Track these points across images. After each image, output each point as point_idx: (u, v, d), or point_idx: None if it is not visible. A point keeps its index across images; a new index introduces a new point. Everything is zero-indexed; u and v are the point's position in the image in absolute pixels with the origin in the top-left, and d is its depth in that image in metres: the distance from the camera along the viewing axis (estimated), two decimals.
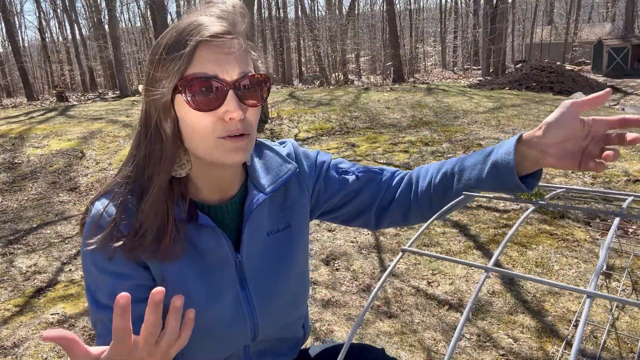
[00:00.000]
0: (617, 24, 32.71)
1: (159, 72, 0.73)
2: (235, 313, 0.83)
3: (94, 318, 0.79)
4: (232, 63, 0.72)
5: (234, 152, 0.74)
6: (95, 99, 16.08)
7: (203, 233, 0.80)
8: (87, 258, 0.77)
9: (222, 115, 0.72)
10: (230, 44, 0.73)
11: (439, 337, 2.23)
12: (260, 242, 0.86)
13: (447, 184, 0.86)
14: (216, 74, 0.71)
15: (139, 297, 0.77)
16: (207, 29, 0.71)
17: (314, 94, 10.77)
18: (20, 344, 2.35)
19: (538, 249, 3.05)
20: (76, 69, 31.88)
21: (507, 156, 0.74)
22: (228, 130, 0.73)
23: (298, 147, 0.97)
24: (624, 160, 4.88)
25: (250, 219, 0.84)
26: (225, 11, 0.75)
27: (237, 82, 0.73)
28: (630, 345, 2.10)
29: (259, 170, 0.88)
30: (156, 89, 0.74)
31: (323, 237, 3.43)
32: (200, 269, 0.81)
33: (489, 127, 6.90)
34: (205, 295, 0.81)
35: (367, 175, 0.95)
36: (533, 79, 11.98)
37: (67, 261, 3.34)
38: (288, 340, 0.97)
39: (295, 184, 0.92)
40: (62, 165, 5.91)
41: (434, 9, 47.12)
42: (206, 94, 0.71)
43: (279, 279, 0.88)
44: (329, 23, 24.99)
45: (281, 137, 6.98)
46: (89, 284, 0.79)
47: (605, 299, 0.36)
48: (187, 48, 0.70)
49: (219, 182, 0.83)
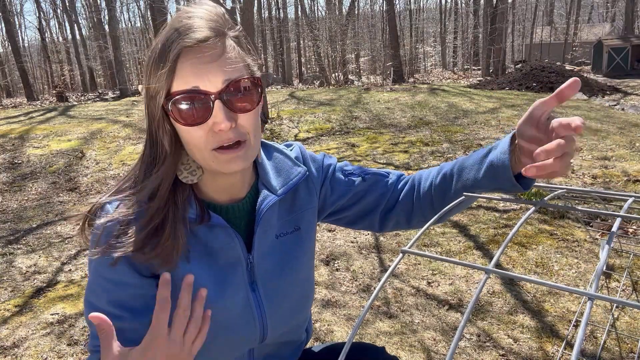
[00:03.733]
0: (617, 24, 32.72)
1: (152, 88, 0.73)
2: (244, 315, 0.83)
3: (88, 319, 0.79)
4: (215, 72, 0.70)
5: (231, 162, 0.74)
6: (95, 99, 16.08)
7: (215, 233, 0.80)
8: (92, 262, 0.77)
9: (211, 127, 0.72)
10: (211, 51, 0.70)
11: (439, 337, 2.23)
12: (269, 243, 0.86)
13: (446, 185, 0.86)
14: (198, 86, 0.70)
15: (134, 307, 0.77)
16: (184, 39, 0.69)
17: (314, 94, 10.77)
18: (20, 344, 2.35)
19: (538, 249, 3.05)
20: (76, 69, 31.87)
21: (502, 155, 0.74)
22: (220, 141, 0.72)
23: (305, 150, 0.97)
24: (624, 160, 4.89)
25: (262, 219, 0.83)
26: (201, 17, 0.72)
27: (223, 91, 0.71)
28: (630, 345, 2.10)
29: (270, 172, 0.88)
30: (152, 104, 0.74)
31: (323, 237, 3.43)
32: (211, 270, 0.81)
33: (489, 127, 6.90)
34: (216, 295, 0.80)
35: (374, 178, 0.95)
36: (533, 79, 11.97)
37: (67, 261, 3.34)
38: (292, 343, 0.97)
39: (304, 187, 0.92)
40: (62, 165, 5.91)
41: (434, 9, 47.11)
42: (191, 108, 0.70)
43: (288, 281, 0.87)
44: (329, 23, 24.99)
45: (281, 137, 6.98)
46: (88, 290, 0.79)
47: (606, 300, 0.36)
48: (168, 63, 0.69)
49: (229, 186, 0.83)
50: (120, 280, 0.76)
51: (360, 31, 35.16)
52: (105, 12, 19.18)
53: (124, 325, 0.78)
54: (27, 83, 19.98)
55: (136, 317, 0.78)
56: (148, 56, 0.74)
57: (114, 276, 0.76)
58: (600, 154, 5.23)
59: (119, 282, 0.76)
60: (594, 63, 19.59)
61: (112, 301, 0.77)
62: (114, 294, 0.77)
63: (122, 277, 0.76)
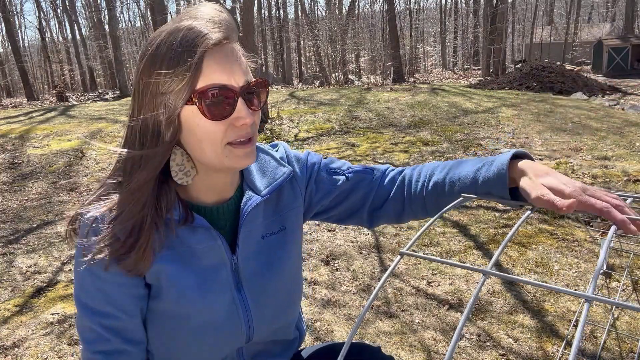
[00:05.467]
0: (617, 24, 32.71)
1: (160, 88, 0.72)
2: (230, 315, 0.83)
3: (83, 324, 0.79)
4: (237, 70, 0.73)
5: (244, 157, 0.76)
6: (95, 99, 16.08)
7: (198, 234, 0.80)
8: (80, 265, 0.76)
9: (232, 121, 0.74)
10: (231, 50, 0.74)
11: (439, 337, 2.23)
12: (254, 244, 0.87)
13: (439, 192, 0.86)
14: (225, 82, 0.72)
15: (128, 307, 0.78)
16: (208, 37, 0.70)
17: (314, 94, 10.77)
18: (20, 344, 2.35)
19: (538, 249, 3.05)
20: (76, 69, 31.87)
21: (500, 169, 0.74)
22: (239, 135, 0.75)
23: (289, 149, 0.97)
24: (623, 160, 4.89)
25: (245, 220, 0.84)
26: (216, 17, 0.74)
27: (244, 88, 0.74)
28: (630, 345, 2.10)
29: (254, 173, 0.89)
30: (157, 104, 0.73)
31: (323, 237, 3.43)
32: (196, 271, 0.81)
33: (489, 127, 6.90)
34: (201, 296, 0.80)
35: (358, 176, 0.95)
36: (533, 79, 11.98)
37: (67, 261, 3.34)
38: (282, 342, 0.97)
39: (289, 187, 0.92)
40: (62, 165, 5.91)
41: (434, 9, 47.11)
42: (219, 103, 0.72)
43: (274, 281, 0.88)
44: (329, 23, 24.99)
45: (281, 137, 6.98)
46: (80, 291, 0.79)
47: (604, 303, 0.36)
48: (194, 60, 0.69)
49: (217, 186, 0.84)
50: (114, 280, 0.77)
51: (360, 31, 35.14)
52: (105, 12, 19.18)
53: (121, 324, 0.79)
54: (27, 83, 19.99)
55: (130, 316, 0.79)
56: (150, 54, 0.73)
57: (108, 276, 0.76)
58: (600, 153, 5.23)
59: (112, 282, 0.77)
60: (594, 63, 19.59)
61: (109, 301, 0.77)
62: (110, 295, 0.77)
63: (115, 277, 0.76)
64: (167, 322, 0.82)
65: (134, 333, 0.81)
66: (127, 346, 0.79)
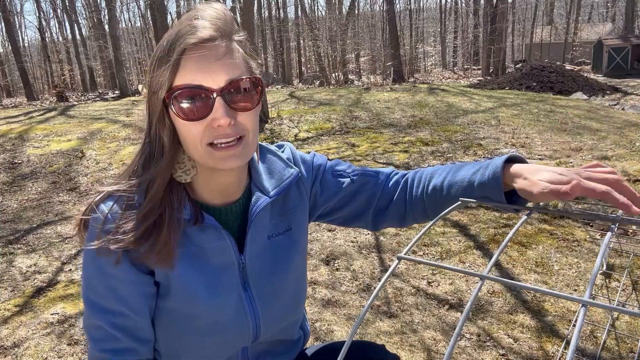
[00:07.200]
0: (617, 23, 32.71)
1: (155, 82, 0.74)
2: (238, 314, 0.84)
3: (91, 322, 0.78)
4: (218, 70, 0.72)
5: (227, 159, 0.75)
6: (95, 98, 16.08)
7: (208, 234, 0.81)
8: (89, 261, 0.77)
9: (210, 122, 0.73)
10: (216, 50, 0.73)
11: (439, 337, 2.23)
12: (261, 244, 0.87)
13: (437, 196, 0.86)
14: (201, 83, 0.72)
15: (136, 305, 0.78)
16: (190, 37, 0.71)
17: (314, 94, 10.76)
18: (20, 344, 2.35)
19: (538, 249, 3.05)
20: (76, 69, 31.85)
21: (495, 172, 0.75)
22: (217, 136, 0.73)
23: (295, 150, 0.98)
24: (623, 160, 4.89)
25: (254, 221, 0.85)
26: (209, 17, 0.74)
27: (225, 88, 0.73)
28: (630, 345, 2.10)
29: (262, 174, 0.89)
30: (153, 99, 0.76)
31: (323, 237, 3.43)
32: (204, 270, 0.81)
33: (489, 127, 6.90)
34: (209, 296, 0.81)
35: (363, 179, 0.95)
36: (533, 79, 11.97)
37: (67, 261, 3.34)
38: (286, 341, 0.98)
39: (295, 188, 0.93)
40: (62, 165, 5.91)
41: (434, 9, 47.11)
42: (193, 103, 0.72)
43: (280, 281, 0.88)
44: (329, 23, 24.97)
45: (281, 136, 6.98)
46: (88, 289, 0.79)
47: (601, 307, 0.36)
48: (173, 58, 0.71)
49: (223, 187, 0.84)
50: (125, 278, 0.77)
51: (360, 31, 35.15)
52: (105, 12, 19.18)
53: (131, 323, 0.79)
54: (27, 83, 19.98)
55: (140, 315, 0.80)
56: (154, 52, 0.76)
57: (119, 274, 0.76)
58: (600, 153, 5.23)
59: (123, 280, 0.77)
60: (594, 63, 19.58)
61: (119, 300, 0.77)
62: (119, 292, 0.77)
63: (126, 275, 0.77)
64: (175, 321, 0.83)
65: (143, 331, 0.81)
66: (136, 344, 0.79)
